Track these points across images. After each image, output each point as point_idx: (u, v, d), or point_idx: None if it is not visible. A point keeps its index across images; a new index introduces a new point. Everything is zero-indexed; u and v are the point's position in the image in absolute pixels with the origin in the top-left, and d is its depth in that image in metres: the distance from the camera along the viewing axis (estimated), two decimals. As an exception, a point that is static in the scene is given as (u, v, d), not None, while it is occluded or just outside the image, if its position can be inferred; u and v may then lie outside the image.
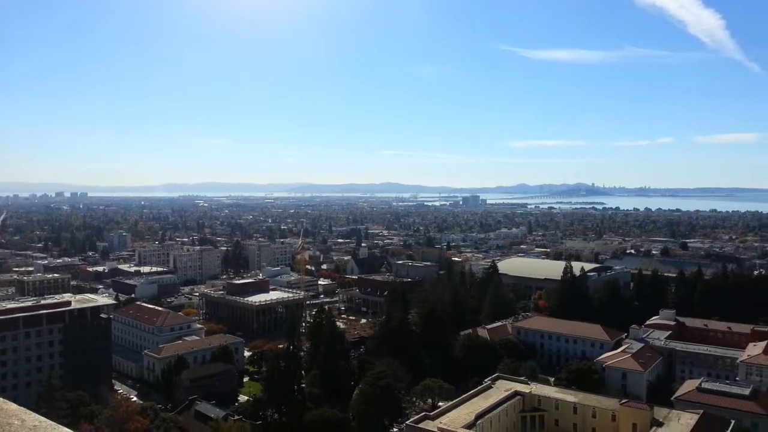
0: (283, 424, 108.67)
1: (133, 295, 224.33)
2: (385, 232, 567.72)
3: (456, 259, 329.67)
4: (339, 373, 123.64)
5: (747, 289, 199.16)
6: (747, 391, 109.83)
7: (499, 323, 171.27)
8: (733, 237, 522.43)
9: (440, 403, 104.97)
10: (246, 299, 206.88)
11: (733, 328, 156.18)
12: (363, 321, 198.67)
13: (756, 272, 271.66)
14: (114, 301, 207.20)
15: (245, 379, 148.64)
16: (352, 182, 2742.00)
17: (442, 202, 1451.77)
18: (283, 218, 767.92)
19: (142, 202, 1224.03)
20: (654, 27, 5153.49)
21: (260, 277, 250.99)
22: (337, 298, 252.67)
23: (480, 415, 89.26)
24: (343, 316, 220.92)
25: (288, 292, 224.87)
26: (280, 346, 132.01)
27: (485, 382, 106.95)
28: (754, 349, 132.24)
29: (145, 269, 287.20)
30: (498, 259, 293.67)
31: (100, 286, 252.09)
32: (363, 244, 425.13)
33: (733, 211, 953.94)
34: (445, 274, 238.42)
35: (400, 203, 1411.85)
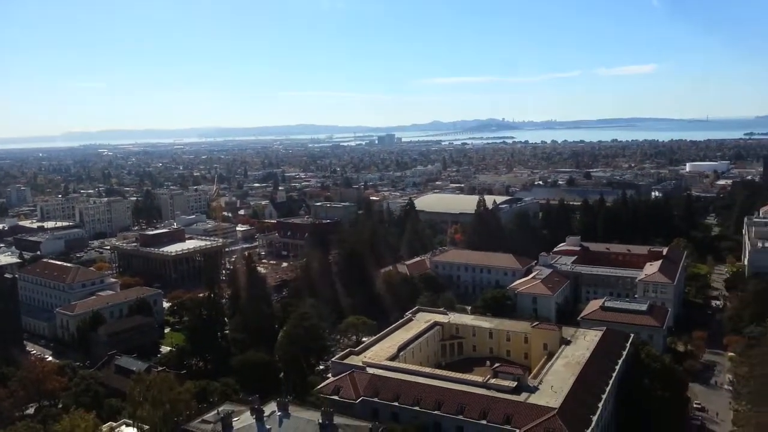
0: (208, 370, 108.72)
1: (38, 253, 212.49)
2: (302, 175, 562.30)
3: (374, 198, 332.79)
4: (262, 317, 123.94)
5: (644, 213, 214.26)
6: (644, 307, 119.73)
7: (417, 258, 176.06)
8: (632, 165, 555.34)
9: (364, 339, 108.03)
10: (161, 250, 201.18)
11: (632, 250, 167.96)
12: (284, 264, 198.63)
13: (653, 196, 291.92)
14: (18, 260, 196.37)
15: (166, 331, 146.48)
16: (265, 125, 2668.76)
17: (358, 142, 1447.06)
18: (195, 164, 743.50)
19: (40, 154, 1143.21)
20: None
21: (175, 226, 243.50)
22: (256, 244, 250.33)
23: (402, 347, 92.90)
24: (263, 261, 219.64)
25: (205, 240, 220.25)
26: (201, 295, 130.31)
27: (406, 315, 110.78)
28: (650, 268, 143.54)
29: (50, 224, 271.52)
30: (414, 197, 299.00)
31: (1, 245, 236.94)
32: (280, 188, 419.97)
33: (632, 140, 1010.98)
34: (363, 213, 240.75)
35: (316, 144, 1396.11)
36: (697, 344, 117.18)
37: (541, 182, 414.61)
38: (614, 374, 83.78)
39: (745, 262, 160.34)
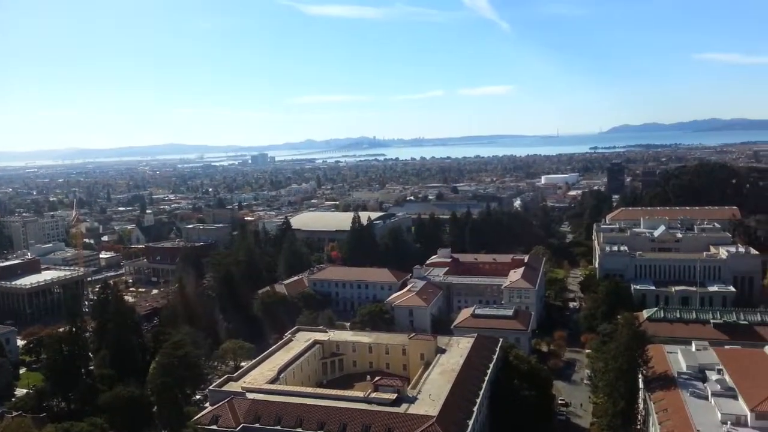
0: (72, 411, 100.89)
1: None
2: (172, 197, 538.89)
3: (249, 218, 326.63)
4: (132, 349, 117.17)
5: (507, 224, 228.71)
6: (511, 312, 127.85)
7: (295, 278, 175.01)
8: (494, 179, 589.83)
9: (243, 364, 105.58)
10: (14, 283, 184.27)
11: (498, 259, 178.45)
12: (155, 291, 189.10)
13: (514, 208, 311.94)
14: None
15: (22, 371, 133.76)
16: (130, 145, 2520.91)
17: (231, 162, 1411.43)
18: (51, 189, 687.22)
19: None
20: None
21: (29, 256, 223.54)
22: (123, 271, 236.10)
23: (282, 369, 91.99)
24: (131, 289, 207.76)
25: (64, 270, 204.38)
26: (61, 330, 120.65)
27: (286, 336, 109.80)
28: (514, 275, 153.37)
29: None
30: (290, 215, 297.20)
31: None
32: (148, 211, 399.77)
33: (493, 156, 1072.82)
34: (238, 234, 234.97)
35: (186, 165, 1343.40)
36: (559, 344, 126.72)
37: (412, 198, 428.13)
38: (486, 378, 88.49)
39: (596, 265, 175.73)
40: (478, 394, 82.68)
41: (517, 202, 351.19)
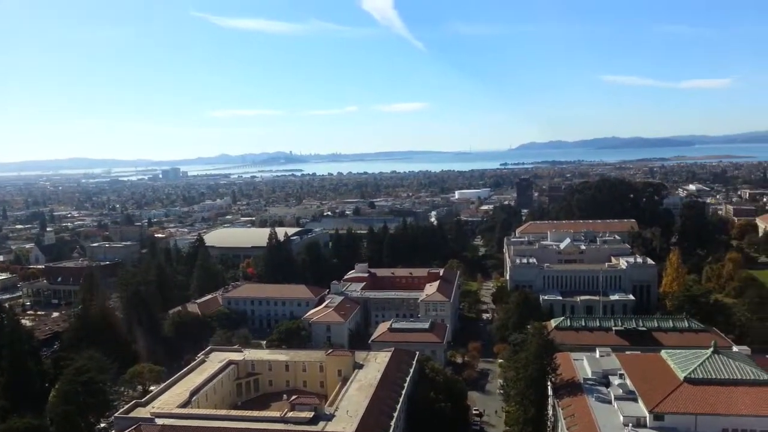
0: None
1: None
2: (75, 213, 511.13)
3: (159, 235, 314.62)
4: (29, 376, 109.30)
5: (423, 238, 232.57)
6: (427, 325, 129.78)
7: (209, 296, 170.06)
8: (410, 194, 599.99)
9: (152, 388, 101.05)
10: None
11: (414, 272, 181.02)
12: (55, 314, 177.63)
13: (431, 222, 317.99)
14: None
15: None
16: (28, 159, 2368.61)
17: (140, 177, 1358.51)
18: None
19: None
20: (333, 1, 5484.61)
21: None
22: (20, 293, 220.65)
23: (194, 391, 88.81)
24: (29, 312, 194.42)
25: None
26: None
27: (199, 357, 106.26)
28: (430, 288, 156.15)
29: None
30: (204, 232, 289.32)
31: None
32: (48, 229, 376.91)
33: (409, 172, 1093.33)
34: (148, 252, 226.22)
35: (91, 180, 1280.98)
36: (473, 355, 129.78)
37: (329, 213, 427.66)
38: (403, 392, 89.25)
39: (507, 278, 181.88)
40: (395, 408, 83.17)
41: (433, 217, 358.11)
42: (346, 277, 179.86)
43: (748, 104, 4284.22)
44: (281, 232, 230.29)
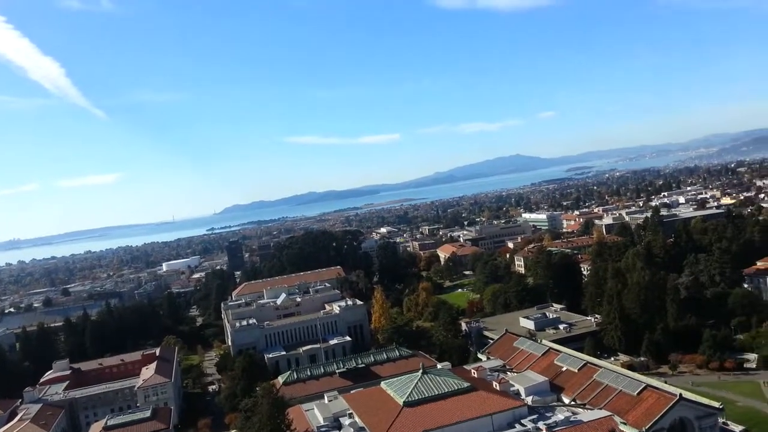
0: None
1: None
2: None
3: None
4: None
5: (131, 319, 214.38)
6: (148, 413, 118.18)
7: None
8: (111, 273, 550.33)
9: None
10: None
11: (126, 359, 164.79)
12: None
13: (138, 300, 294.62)
14: None
15: None
16: None
17: None
18: None
19: None
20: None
21: None
22: None
23: None
24: None
25: None
26: None
27: None
28: (147, 372, 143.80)
29: None
30: None
31: None
32: None
33: (107, 249, 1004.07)
34: None
35: None
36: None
37: (12, 309, 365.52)
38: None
39: (230, 343, 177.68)
40: None
41: (139, 295, 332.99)
42: (42, 380, 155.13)
43: (416, 154, 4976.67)
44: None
